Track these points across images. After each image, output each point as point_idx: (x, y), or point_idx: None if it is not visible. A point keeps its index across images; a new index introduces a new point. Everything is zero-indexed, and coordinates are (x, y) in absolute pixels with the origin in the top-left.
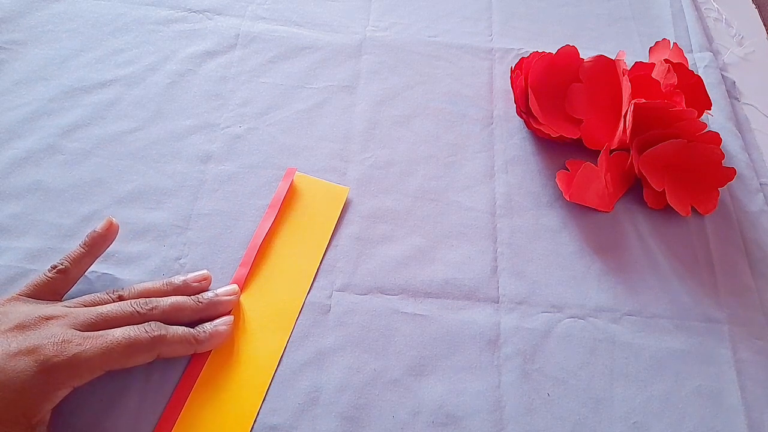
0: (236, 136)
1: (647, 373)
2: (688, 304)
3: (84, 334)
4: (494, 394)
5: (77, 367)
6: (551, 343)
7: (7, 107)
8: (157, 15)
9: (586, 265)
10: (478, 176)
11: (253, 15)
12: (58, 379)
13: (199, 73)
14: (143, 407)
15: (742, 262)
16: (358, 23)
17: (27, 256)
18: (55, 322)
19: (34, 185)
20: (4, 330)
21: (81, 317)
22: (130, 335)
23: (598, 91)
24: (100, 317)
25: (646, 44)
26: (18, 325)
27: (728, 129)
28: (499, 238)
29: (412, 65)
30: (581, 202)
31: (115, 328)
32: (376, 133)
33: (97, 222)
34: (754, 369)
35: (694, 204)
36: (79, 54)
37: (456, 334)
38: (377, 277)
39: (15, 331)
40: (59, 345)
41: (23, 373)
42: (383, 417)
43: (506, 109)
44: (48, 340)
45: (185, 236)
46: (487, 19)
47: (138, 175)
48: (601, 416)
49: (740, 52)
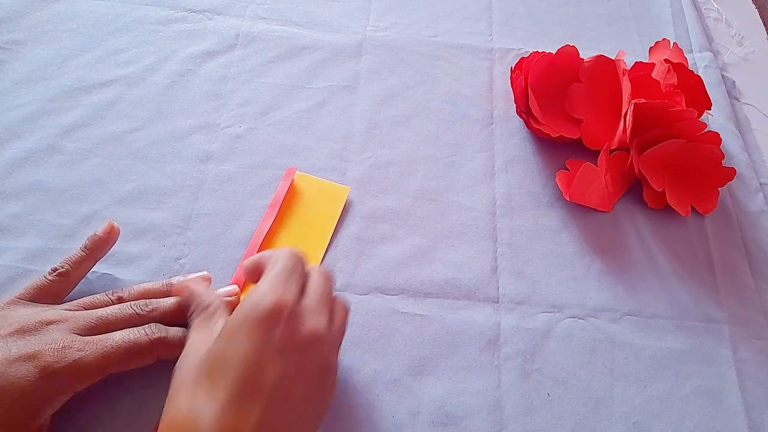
0: (236, 136)
1: (647, 373)
2: (688, 304)
3: (84, 339)
4: (494, 394)
5: (78, 372)
6: (551, 343)
7: (7, 107)
8: (157, 15)
9: (586, 265)
10: (478, 176)
11: (253, 15)
12: (59, 385)
13: (199, 73)
14: (141, 410)
15: (742, 262)
16: (358, 23)
17: (27, 256)
18: (55, 326)
19: (34, 185)
20: (4, 334)
21: (81, 321)
22: (130, 338)
23: (598, 91)
24: (100, 320)
25: (646, 44)
26: (18, 330)
27: (728, 129)
28: (499, 238)
29: (412, 65)
30: (581, 202)
31: (115, 330)
32: (376, 133)
33: (97, 222)
34: (754, 369)
35: (694, 204)
36: (79, 54)
37: (456, 334)
38: (377, 277)
39: (15, 336)
40: (60, 351)
41: (24, 378)
42: (383, 417)
43: (506, 109)
44: (48, 345)
45: (185, 236)
46: (487, 19)
47: (138, 175)
48: (601, 416)
49: (740, 52)
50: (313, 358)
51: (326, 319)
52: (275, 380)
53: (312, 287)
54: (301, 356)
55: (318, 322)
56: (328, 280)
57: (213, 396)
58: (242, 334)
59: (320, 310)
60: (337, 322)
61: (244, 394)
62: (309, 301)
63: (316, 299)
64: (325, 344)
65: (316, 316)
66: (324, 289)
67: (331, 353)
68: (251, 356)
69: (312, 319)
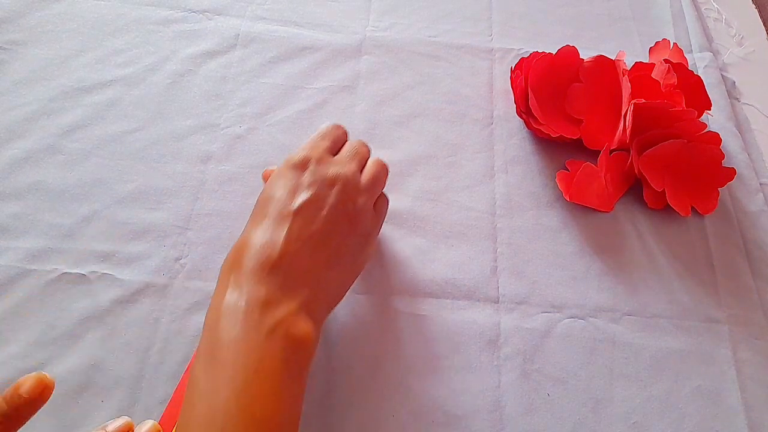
0: (236, 136)
1: (647, 373)
2: (688, 304)
3: None
4: (494, 394)
5: None
6: (551, 343)
7: (7, 107)
8: (157, 15)
9: (586, 265)
10: (478, 176)
11: (253, 15)
12: None
13: (199, 73)
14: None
15: (742, 262)
16: (358, 23)
17: (27, 256)
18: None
19: (34, 185)
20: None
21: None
22: None
23: (598, 91)
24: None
25: (646, 44)
26: None
27: (728, 129)
28: (499, 238)
29: (412, 65)
30: (581, 202)
31: None
32: (376, 133)
33: (97, 222)
34: (754, 369)
35: (694, 204)
36: (79, 54)
37: (456, 334)
38: (377, 277)
39: None
40: None
41: None
42: (383, 417)
43: (506, 109)
44: None
45: (185, 236)
46: (487, 19)
47: (138, 175)
48: (601, 416)
49: (740, 52)
50: (338, 194)
51: (353, 168)
52: (302, 203)
53: (344, 149)
54: (326, 190)
55: (343, 168)
56: (361, 145)
57: (257, 222)
58: (278, 178)
59: (347, 161)
60: (369, 173)
61: (280, 217)
62: (340, 155)
63: (346, 154)
64: (350, 185)
65: (343, 164)
66: (356, 148)
67: (359, 196)
68: (284, 192)
69: (338, 166)
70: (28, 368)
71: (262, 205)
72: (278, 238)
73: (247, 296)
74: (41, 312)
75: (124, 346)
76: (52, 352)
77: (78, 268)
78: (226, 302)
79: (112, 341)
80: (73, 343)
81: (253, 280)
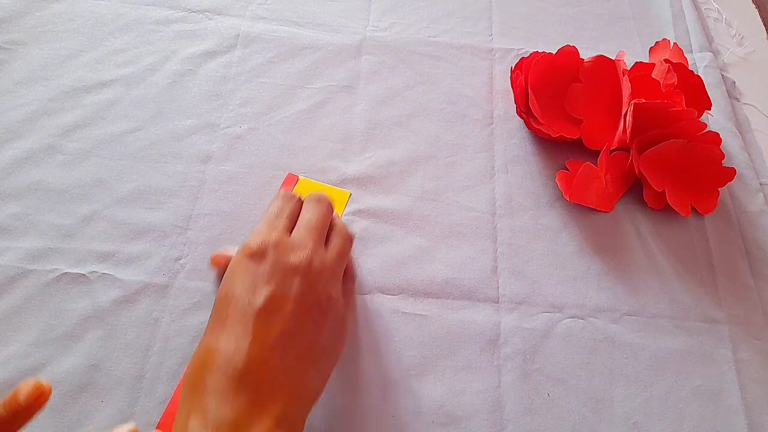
0: (236, 136)
1: (647, 373)
2: (688, 304)
3: None
4: (494, 394)
5: None
6: (551, 343)
7: (7, 107)
8: (157, 15)
9: (586, 265)
10: (478, 176)
11: (253, 15)
12: None
13: (199, 73)
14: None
15: (742, 262)
16: (358, 23)
17: (27, 256)
18: None
19: (34, 185)
20: None
21: None
22: None
23: (598, 91)
24: None
25: (646, 44)
26: None
27: (728, 129)
28: (499, 238)
29: (412, 65)
30: (581, 202)
31: None
32: (376, 133)
33: (97, 222)
34: (754, 369)
35: (694, 204)
36: (79, 54)
37: (456, 334)
38: (377, 277)
39: None
40: None
41: None
42: (383, 417)
43: (506, 109)
44: None
45: (185, 236)
46: (487, 19)
47: (138, 175)
48: (601, 416)
49: (740, 52)
50: (301, 282)
51: (314, 247)
52: (264, 301)
53: (301, 221)
54: (288, 279)
55: (305, 251)
56: (319, 212)
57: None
58: (236, 271)
59: (305, 242)
60: (333, 249)
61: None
62: (296, 234)
63: (302, 232)
64: (313, 270)
65: (304, 244)
66: (313, 222)
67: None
68: (242, 288)
69: (298, 249)
70: (28, 368)
71: (222, 306)
72: (243, 345)
73: (213, 422)
74: (41, 312)
75: (124, 346)
76: (52, 352)
77: (78, 268)
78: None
79: (112, 341)
80: (73, 343)
81: (218, 400)
